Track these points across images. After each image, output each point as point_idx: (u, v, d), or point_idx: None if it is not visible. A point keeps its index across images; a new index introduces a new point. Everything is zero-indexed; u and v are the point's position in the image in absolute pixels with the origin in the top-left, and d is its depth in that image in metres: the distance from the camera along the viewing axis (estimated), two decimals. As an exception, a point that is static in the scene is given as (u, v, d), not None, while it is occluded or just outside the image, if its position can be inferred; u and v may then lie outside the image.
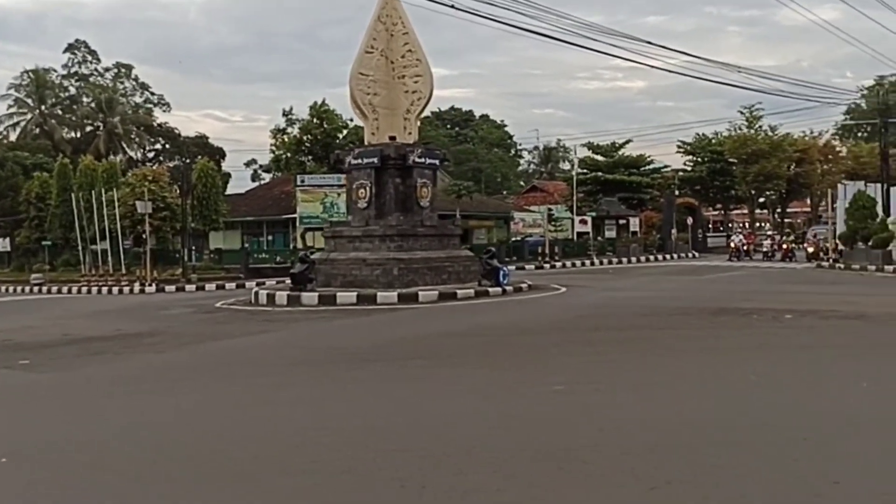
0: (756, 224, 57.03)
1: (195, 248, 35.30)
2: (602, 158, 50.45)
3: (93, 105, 57.50)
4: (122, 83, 61.08)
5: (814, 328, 11.30)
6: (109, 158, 46.99)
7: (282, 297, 18.18)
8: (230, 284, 28.05)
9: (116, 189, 31.98)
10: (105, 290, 28.15)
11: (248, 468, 4.92)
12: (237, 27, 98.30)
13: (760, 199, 56.36)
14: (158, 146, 61.64)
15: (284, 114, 42.65)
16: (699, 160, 53.43)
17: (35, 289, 30.65)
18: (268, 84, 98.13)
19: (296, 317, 15.52)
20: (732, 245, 37.81)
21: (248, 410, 6.78)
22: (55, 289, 30.17)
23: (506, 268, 21.15)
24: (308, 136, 41.01)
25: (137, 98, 61.96)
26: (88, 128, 58.17)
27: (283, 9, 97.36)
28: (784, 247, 35.09)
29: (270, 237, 41.93)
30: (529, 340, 11.00)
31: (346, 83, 21.14)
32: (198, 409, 6.92)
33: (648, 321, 12.46)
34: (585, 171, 49.49)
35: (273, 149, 42.81)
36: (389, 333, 12.41)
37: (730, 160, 50.74)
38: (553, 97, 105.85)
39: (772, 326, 11.46)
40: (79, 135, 57.91)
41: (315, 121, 41.00)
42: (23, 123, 55.80)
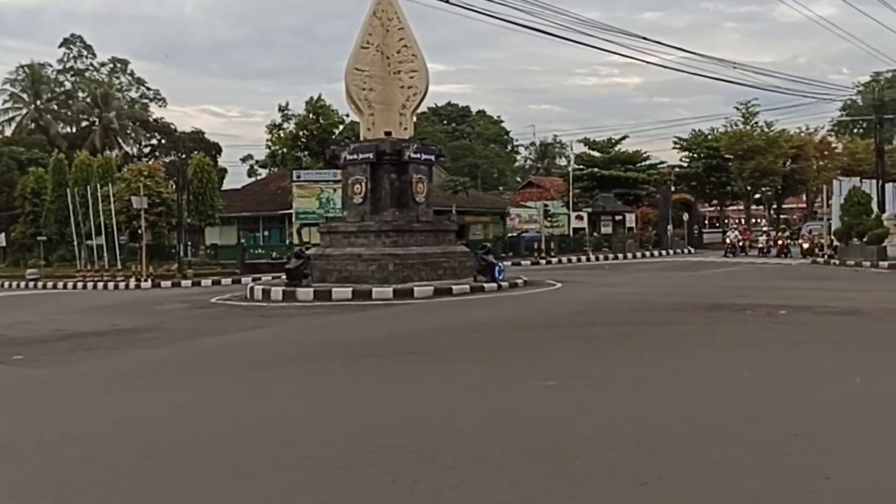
0: (752, 220, 57.09)
1: (191, 244, 35.24)
2: (598, 154, 50.41)
3: (88, 100, 57.38)
4: (118, 78, 60.96)
5: (808, 324, 11.32)
6: (105, 154, 46.93)
7: (277, 293, 18.19)
8: (226, 280, 28.07)
9: (112, 184, 31.93)
10: (100, 286, 28.10)
11: (242, 463, 4.92)
12: (234, 22, 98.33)
13: (756, 196, 56.41)
14: (154, 141, 61.53)
15: (280, 109, 42.54)
16: (695, 156, 53.48)
17: (30, 284, 30.57)
18: (265, 79, 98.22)
19: (291, 312, 15.52)
20: (728, 241, 37.87)
21: (243, 406, 6.78)
22: (50, 284, 30.11)
23: (501, 263, 21.14)
24: (304, 132, 40.88)
25: (133, 93, 61.89)
26: (84, 123, 58.05)
27: (281, 4, 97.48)
28: (779, 243, 35.15)
29: (266, 233, 41.90)
30: (524, 336, 11.01)
31: (343, 79, 21.12)
32: (192, 405, 6.91)
33: (643, 317, 12.47)
34: (582, 167, 49.50)
35: (269, 144, 42.70)
36: (384, 329, 12.42)
37: (726, 156, 50.76)
38: (550, 93, 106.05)
39: (766, 322, 11.48)
40: (74, 130, 57.81)
41: (311, 116, 40.88)
42: (18, 118, 55.70)
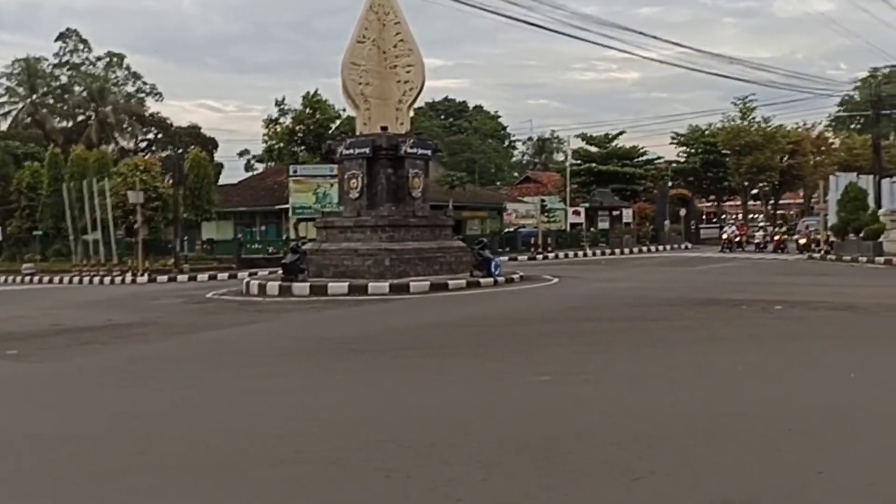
0: (749, 216, 57.12)
1: (187, 239, 35.18)
2: (596, 150, 50.42)
3: (84, 94, 57.15)
4: (114, 72, 60.66)
5: (803, 319, 11.34)
6: (101, 148, 46.75)
7: (273, 288, 18.17)
8: (222, 275, 27.99)
9: (108, 179, 31.82)
10: (97, 281, 28.05)
11: (237, 458, 4.92)
12: (232, 17, 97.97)
13: (753, 191, 56.46)
14: (151, 136, 61.36)
15: (277, 104, 42.34)
16: (693, 151, 53.53)
17: (26, 279, 30.55)
18: (263, 74, 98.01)
19: (287, 307, 15.50)
20: (725, 236, 37.91)
21: (238, 401, 6.77)
22: (46, 279, 30.07)
23: (498, 259, 21.14)
24: (301, 127, 40.75)
25: (129, 87, 61.59)
26: (80, 117, 57.83)
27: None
28: (776, 238, 35.20)
29: (263, 227, 41.85)
30: (520, 331, 11.01)
31: (340, 73, 21.05)
32: (187, 400, 6.90)
33: (639, 312, 12.48)
34: (579, 163, 49.52)
35: (266, 139, 42.58)
36: (380, 324, 12.41)
37: (723, 151, 50.79)
38: (547, 88, 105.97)
39: (761, 317, 11.49)
40: (70, 124, 57.58)
41: (308, 111, 40.75)
42: (14, 112, 55.45)
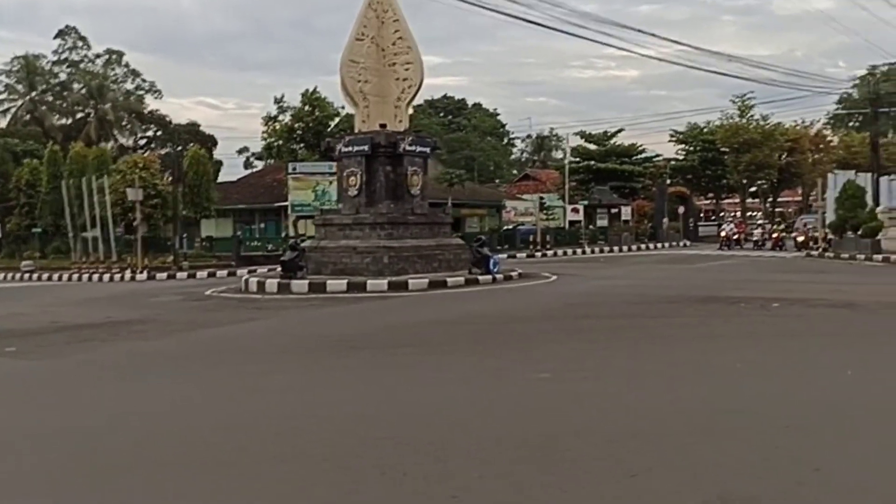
0: (747, 213, 57.13)
1: (186, 236, 35.18)
2: (594, 147, 50.46)
3: (83, 91, 57.05)
4: (113, 70, 60.55)
5: (801, 317, 11.35)
6: (100, 145, 46.71)
7: (272, 285, 18.18)
8: (221, 272, 28.00)
9: (107, 176, 31.80)
10: (96, 278, 28.03)
11: (234, 456, 4.92)
12: (231, 14, 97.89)
13: (752, 189, 56.50)
14: (150, 133, 61.26)
15: (276, 101, 42.33)
16: (691, 149, 53.55)
17: (25, 276, 30.51)
18: (262, 72, 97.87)
19: (285, 304, 15.50)
20: (723, 234, 37.91)
21: (236, 398, 6.78)
22: (46, 276, 30.04)
23: (496, 256, 21.15)
24: (300, 124, 40.74)
25: (129, 85, 61.47)
26: (79, 114, 57.74)
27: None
28: (774, 236, 35.20)
29: (262, 225, 41.85)
30: (519, 328, 11.02)
31: (338, 71, 21.03)
32: (185, 397, 6.90)
33: (638, 309, 12.49)
34: (578, 160, 49.54)
35: (265, 136, 42.56)
36: (379, 321, 12.41)
37: (721, 149, 50.81)
38: (546, 86, 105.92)
39: (760, 315, 11.50)
40: (69, 121, 57.47)
41: (307, 108, 40.74)
42: (13, 110, 55.36)
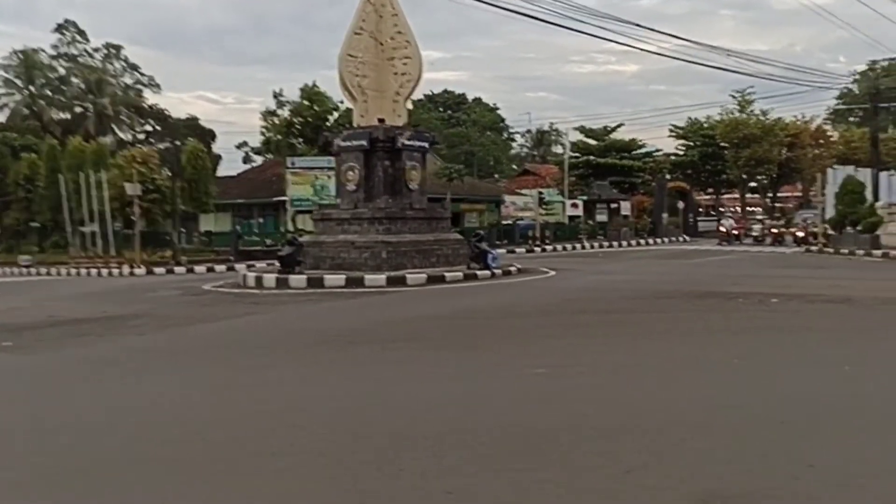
0: (747, 208, 57.07)
1: (185, 231, 35.22)
2: (594, 142, 50.38)
3: (82, 86, 56.94)
4: (112, 64, 60.47)
5: (799, 312, 11.32)
6: (99, 140, 46.64)
7: (270, 280, 18.15)
8: (220, 267, 28.02)
9: (105, 171, 31.78)
10: (94, 273, 28.03)
11: (230, 450, 4.91)
12: (230, 8, 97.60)
13: (752, 184, 56.32)
14: (149, 128, 61.18)
15: (275, 96, 42.39)
16: (691, 144, 53.46)
17: (23, 270, 30.53)
18: (261, 66, 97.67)
19: (283, 299, 15.48)
20: (723, 229, 37.90)
21: (232, 393, 6.75)
22: (44, 271, 30.06)
23: (495, 251, 21.11)
24: (299, 119, 40.76)
25: (127, 79, 61.38)
26: (78, 109, 57.62)
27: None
28: (774, 231, 35.20)
29: (261, 220, 41.84)
30: (516, 323, 11.00)
31: (337, 65, 20.96)
32: (181, 392, 6.89)
33: (636, 305, 12.46)
34: (577, 155, 49.47)
35: (263, 131, 42.57)
36: (376, 316, 12.39)
37: (721, 144, 50.68)
38: (546, 80, 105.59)
39: (758, 310, 11.47)
40: (68, 116, 57.37)
41: (306, 103, 40.75)
42: (11, 104, 55.28)
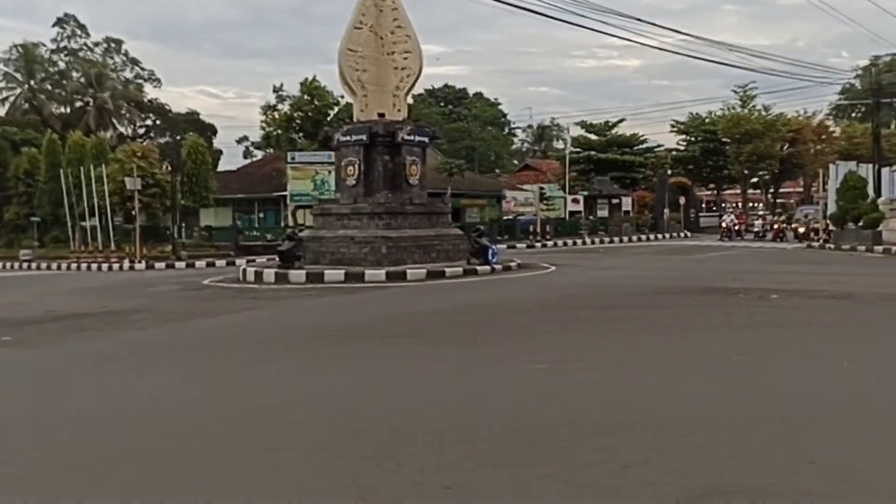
0: (749, 204, 57.04)
1: (185, 226, 35.20)
2: (595, 137, 50.34)
3: (82, 80, 56.90)
4: (112, 58, 60.41)
5: (800, 308, 11.29)
6: (99, 134, 46.64)
7: (269, 275, 18.13)
8: (220, 262, 28.00)
9: (105, 165, 31.77)
10: (94, 267, 28.02)
11: (226, 445, 4.91)
12: (230, 2, 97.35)
13: (753, 179, 56.32)
14: (149, 122, 61.15)
15: (275, 90, 42.17)
16: (692, 139, 53.40)
17: (24, 265, 30.53)
18: (262, 60, 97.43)
19: (282, 294, 15.46)
20: (724, 225, 37.88)
21: (232, 388, 6.74)
22: (44, 265, 30.05)
23: (495, 246, 21.09)
24: (299, 113, 40.65)
25: (128, 73, 61.34)
26: (78, 103, 57.60)
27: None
28: (775, 227, 35.19)
29: (262, 214, 41.86)
30: (516, 319, 10.98)
31: (336, 59, 20.90)
32: (180, 387, 6.88)
33: (636, 300, 12.44)
34: (578, 150, 49.46)
35: (263, 125, 42.46)
36: (376, 311, 12.37)
37: (723, 140, 50.65)
38: (548, 75, 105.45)
39: (759, 306, 11.44)
40: (68, 110, 57.37)
41: (306, 97, 40.63)
42: (11, 98, 55.23)
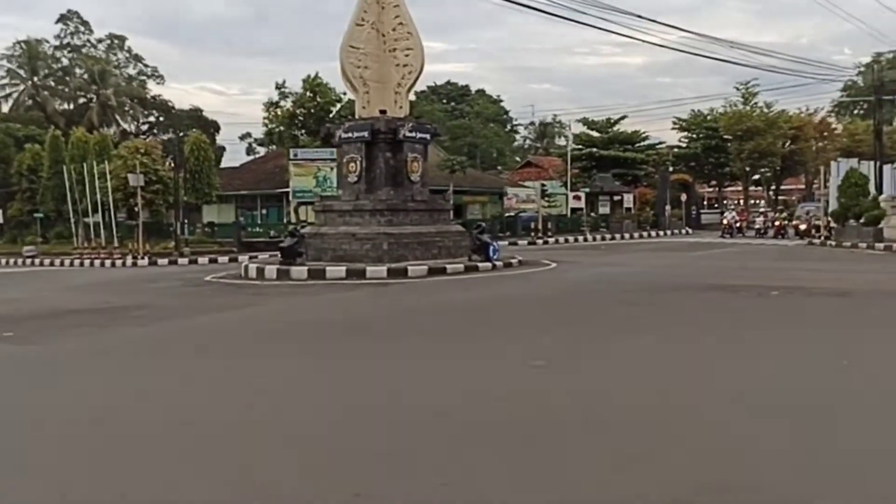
0: (750, 201, 56.95)
1: (188, 222, 35.27)
2: (597, 134, 50.29)
3: (86, 77, 57.01)
4: (115, 55, 60.51)
5: (800, 305, 11.31)
6: (102, 131, 46.74)
7: (271, 271, 18.18)
8: (223, 258, 28.06)
9: (108, 162, 31.83)
10: (97, 263, 28.12)
11: (224, 440, 4.94)
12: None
13: (755, 176, 56.22)
14: (152, 119, 61.22)
15: (277, 87, 42.20)
16: (694, 137, 53.32)
17: (27, 261, 30.62)
18: (265, 57, 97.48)
19: (284, 291, 15.50)
20: (725, 222, 37.85)
21: (229, 383, 6.78)
22: (47, 261, 30.16)
23: (496, 243, 21.12)
24: (301, 110, 40.69)
25: (131, 70, 61.44)
26: (81, 100, 57.72)
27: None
28: (776, 224, 35.17)
29: (264, 211, 41.89)
30: (515, 316, 11.01)
31: (338, 56, 20.92)
32: (181, 383, 6.90)
33: (636, 297, 12.45)
34: (580, 147, 49.40)
35: (266, 122, 42.50)
36: (376, 308, 12.42)
37: (725, 137, 50.55)
38: (551, 72, 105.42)
39: (759, 303, 11.47)
40: (71, 107, 57.49)
41: (308, 94, 40.66)
42: (15, 95, 55.38)
